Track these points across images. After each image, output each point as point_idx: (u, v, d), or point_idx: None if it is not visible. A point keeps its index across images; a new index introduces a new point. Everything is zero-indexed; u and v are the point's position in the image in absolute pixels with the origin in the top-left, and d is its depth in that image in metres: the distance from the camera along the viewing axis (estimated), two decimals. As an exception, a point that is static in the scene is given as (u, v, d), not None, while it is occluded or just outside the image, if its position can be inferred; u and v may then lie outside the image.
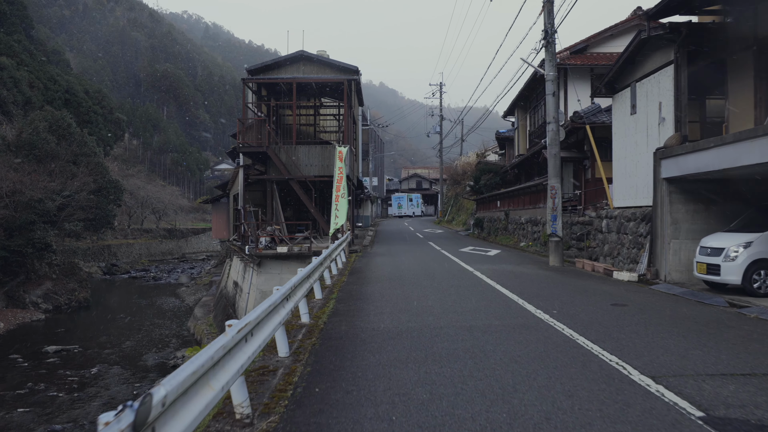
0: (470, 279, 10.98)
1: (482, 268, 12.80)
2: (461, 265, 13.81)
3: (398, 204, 67.50)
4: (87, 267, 43.89)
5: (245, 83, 21.78)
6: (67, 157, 33.66)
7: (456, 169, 49.83)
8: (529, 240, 20.27)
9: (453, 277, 11.20)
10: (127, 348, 20.57)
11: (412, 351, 5.30)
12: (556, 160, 13.61)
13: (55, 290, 30.68)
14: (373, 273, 12.40)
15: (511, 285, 9.91)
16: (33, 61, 54.96)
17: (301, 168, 21.08)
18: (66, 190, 30.98)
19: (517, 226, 22.46)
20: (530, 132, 27.66)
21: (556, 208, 13.38)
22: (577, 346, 5.39)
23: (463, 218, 43.72)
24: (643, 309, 7.55)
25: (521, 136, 29.24)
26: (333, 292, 9.49)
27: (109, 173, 40.56)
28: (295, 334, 6.17)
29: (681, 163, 10.15)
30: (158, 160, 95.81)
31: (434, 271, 12.56)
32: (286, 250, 19.37)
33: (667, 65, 11.28)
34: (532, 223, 20.16)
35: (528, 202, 21.12)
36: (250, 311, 4.60)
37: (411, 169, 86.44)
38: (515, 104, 29.51)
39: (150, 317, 27.25)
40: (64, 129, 36.80)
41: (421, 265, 14.11)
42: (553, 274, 11.96)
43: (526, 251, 18.96)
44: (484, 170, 31.95)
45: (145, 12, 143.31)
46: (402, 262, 15.12)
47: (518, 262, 14.81)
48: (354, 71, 23.42)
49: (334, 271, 12.21)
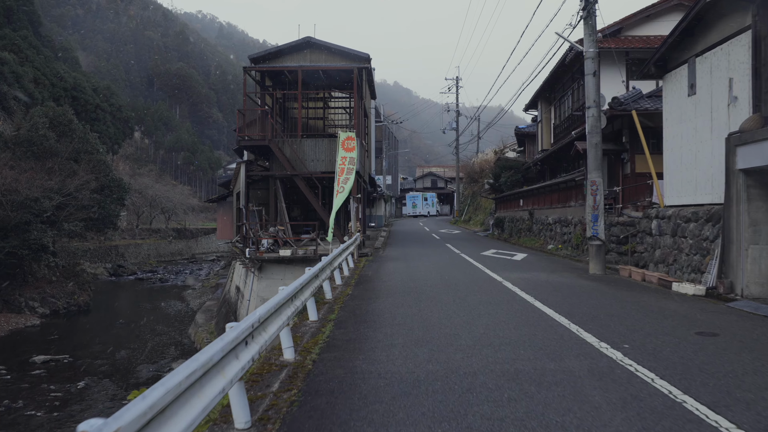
0: (501, 292, 9.09)
1: (512, 277, 10.90)
2: (486, 272, 11.91)
3: (413, 203, 65.56)
4: (93, 268, 42.76)
5: (246, 72, 20.08)
6: (67, 155, 32.33)
7: (473, 166, 47.76)
8: (557, 242, 18.27)
9: (479, 290, 9.31)
10: (121, 358, 19.08)
11: (436, 422, 3.46)
12: (597, 150, 11.63)
13: (53, 293, 29.40)
14: (384, 283, 10.56)
15: (553, 301, 7.99)
16: (39, 58, 54.11)
17: (307, 164, 19.33)
18: (65, 188, 29.65)
19: (543, 227, 20.45)
20: (555, 125, 25.59)
21: (598, 207, 11.41)
22: (697, 420, 3.48)
23: (481, 218, 41.67)
24: (744, 342, 5.60)
25: (545, 130, 27.18)
26: (333, 310, 7.68)
27: (113, 171, 39.22)
28: (268, 383, 4.38)
29: (765, 150, 8.15)
30: (170, 159, 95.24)
31: (456, 280, 10.68)
32: (290, 254, 17.65)
33: (741, 32, 9.26)
34: (561, 223, 18.16)
35: (556, 200, 19.11)
36: (204, 349, 2.84)
37: (426, 168, 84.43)
38: (538, 96, 27.44)
39: (151, 322, 25.81)
40: (65, 125, 35.52)
41: (439, 272, 12.24)
42: (600, 285, 10.00)
43: (555, 255, 16.97)
44: (505, 167, 29.92)
45: (158, 11, 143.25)
46: (417, 268, 13.26)
47: (551, 268, 12.86)
48: (365, 59, 21.61)
49: (338, 280, 10.41)
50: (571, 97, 22.43)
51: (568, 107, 22.93)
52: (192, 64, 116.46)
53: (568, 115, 22.53)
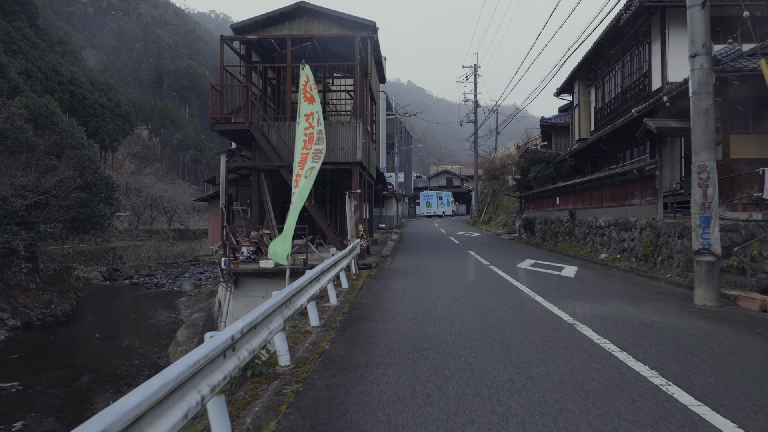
0: (583, 353, 5.24)
1: (584, 314, 7.08)
2: (539, 302, 8.08)
3: (427, 203, 61.67)
4: (86, 272, 39.73)
5: (224, 41, 16.44)
6: (45, 149, 29.12)
7: (493, 162, 43.72)
8: (613, 250, 14.32)
9: (544, 347, 5.47)
10: (81, 385, 15.71)
11: None
12: (707, 120, 7.68)
13: (28, 303, 26.15)
14: (385, 326, 6.78)
15: (691, 379, 4.18)
16: (34, 50, 51.47)
17: (298, 152, 15.63)
18: (41, 186, 26.41)
19: (590, 231, 16.51)
20: (597, 109, 21.58)
21: (710, 204, 7.50)
22: None
23: (503, 218, 37.66)
24: None
25: (583, 116, 23.17)
26: (284, 394, 3.94)
27: (100, 168, 35.96)
28: None
29: None
30: (177, 157, 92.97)
31: (498, 321, 6.86)
32: (272, 265, 13.96)
33: None
34: (618, 227, 14.21)
35: (609, 197, 15.15)
36: None
37: (440, 166, 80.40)
38: (575, 77, 23.44)
39: (132, 337, 22.45)
40: (47, 117, 32.33)
41: (468, 301, 8.43)
42: (739, 333, 6.11)
43: (613, 268, 13.06)
44: (533, 160, 25.96)
45: (169, 10, 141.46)
46: (436, 292, 9.47)
47: (629, 294, 8.97)
48: (370, 27, 17.87)
49: (314, 320, 6.69)
50: (621, 73, 18.43)
51: (617, 85, 18.93)
52: (203, 62, 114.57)
53: (619, 93, 18.53)
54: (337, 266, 8.89)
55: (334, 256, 8.55)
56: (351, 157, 15.60)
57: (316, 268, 6.88)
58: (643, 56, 16.30)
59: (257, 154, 15.84)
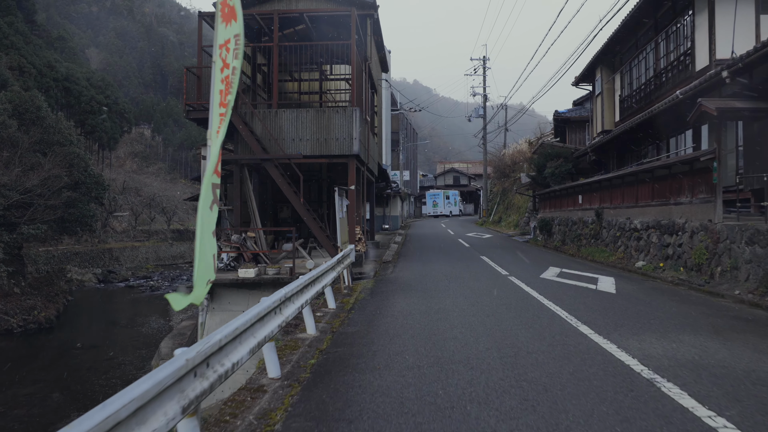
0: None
1: (656, 356, 4.98)
2: (586, 334, 5.97)
3: (433, 202, 59.48)
4: (80, 274, 37.97)
5: (203, 18, 14.42)
6: (29, 145, 27.40)
7: (503, 159, 41.50)
8: (655, 258, 12.16)
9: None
10: (47, 406, 13.98)
11: None
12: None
13: (8, 309, 24.33)
14: (375, 378, 4.70)
15: None
16: (27, 46, 49.96)
17: (285, 144, 13.62)
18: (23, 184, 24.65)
19: (621, 234, 14.35)
20: (623, 97, 19.40)
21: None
22: None
23: (514, 219, 35.46)
24: None
25: (606, 105, 20.98)
26: None
27: (90, 166, 34.11)
28: None
29: None
30: (179, 156, 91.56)
31: (537, 368, 4.78)
32: (254, 274, 11.94)
33: None
34: (660, 230, 12.05)
35: (648, 194, 12.98)
36: None
37: (447, 164, 78.15)
38: (597, 63, 21.25)
39: (116, 347, 20.61)
40: (33, 113, 30.56)
41: (488, 330, 6.35)
42: None
43: (656, 278, 10.92)
44: (550, 155, 23.78)
45: (174, 9, 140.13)
46: (445, 314, 7.39)
47: (701, 321, 6.84)
48: (369, 4, 15.82)
49: (273, 370, 4.65)
50: (654, 54, 16.25)
51: (648, 68, 16.75)
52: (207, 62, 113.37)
53: (651, 77, 16.34)
54: (319, 283, 6.83)
55: (312, 272, 6.48)
56: (346, 149, 13.55)
57: (276, 295, 4.82)
58: (683, 32, 14.13)
59: (239, 146, 13.82)
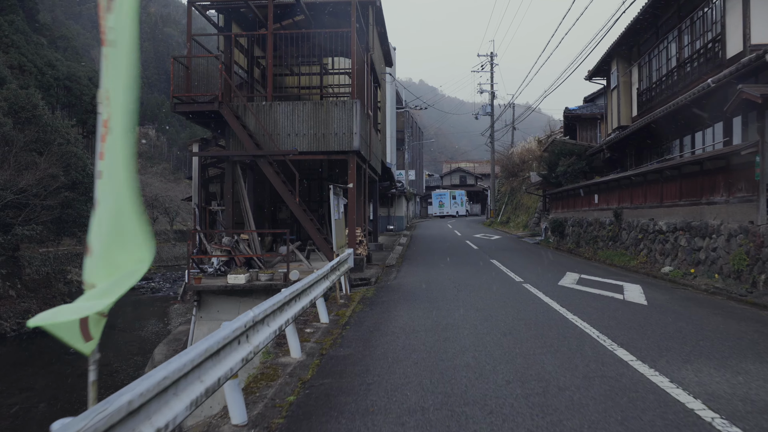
0: None
1: (723, 396, 3.93)
2: (627, 362, 4.91)
3: (439, 202, 58.38)
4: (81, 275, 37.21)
5: (192, 5, 13.45)
6: (25, 144, 26.75)
7: (511, 158, 40.34)
8: (684, 263, 11.05)
9: None
10: (31, 419, 13.31)
11: None
12: None
13: (1, 313, 23.61)
14: (368, 426, 3.69)
15: None
16: (28, 44, 49.44)
17: (280, 139, 12.62)
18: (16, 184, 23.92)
19: (644, 236, 13.24)
20: (641, 91, 18.27)
21: None
22: None
23: (523, 219, 34.33)
24: None
25: (623, 100, 19.84)
26: None
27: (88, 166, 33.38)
28: None
29: None
30: (184, 156, 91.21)
31: (575, 411, 3.74)
32: (244, 281, 10.94)
33: None
34: (691, 232, 10.94)
35: (675, 193, 11.87)
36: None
37: (454, 164, 76.99)
38: (612, 55, 20.11)
39: (110, 353, 19.71)
40: (29, 111, 29.84)
41: (508, 356, 5.30)
42: None
43: (689, 287, 9.82)
44: (562, 153, 22.66)
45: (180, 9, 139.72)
46: (455, 332, 6.35)
47: (760, 342, 5.76)
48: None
49: (237, 416, 3.65)
50: (678, 42, 15.13)
51: (671, 57, 15.62)
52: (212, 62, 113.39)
53: (674, 68, 15.21)
54: (305, 297, 5.80)
55: (295, 285, 5.45)
56: (346, 144, 12.53)
57: (240, 319, 3.80)
58: (711, 17, 13.01)
59: (231, 141, 12.83)
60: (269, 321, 4.52)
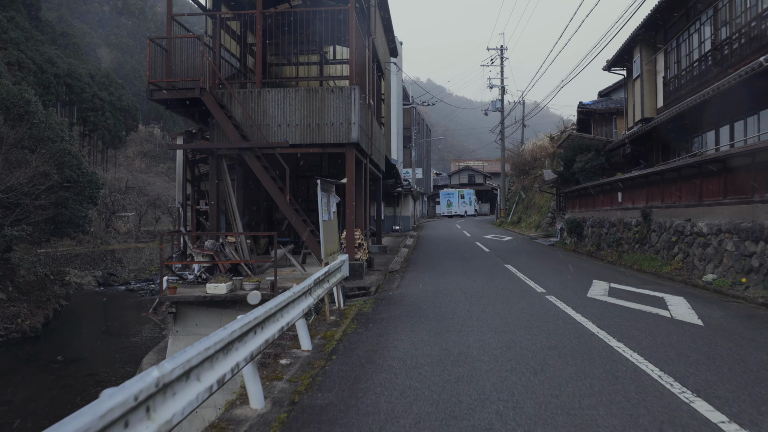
0: None
1: None
2: (714, 422, 3.51)
3: (447, 201, 56.89)
4: (79, 277, 36.18)
5: (174, -18, 12.13)
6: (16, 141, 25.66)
7: (522, 155, 38.78)
8: (731, 271, 9.55)
9: None
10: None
11: None
12: None
13: (-11, 317, 22.51)
14: None
15: None
16: (27, 41, 48.64)
17: (270, 130, 11.27)
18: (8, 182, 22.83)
19: (678, 238, 11.74)
20: (667, 79, 16.74)
21: None
22: None
23: (535, 219, 32.78)
24: None
25: (646, 90, 18.29)
26: None
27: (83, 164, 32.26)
28: None
29: None
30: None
31: None
32: (225, 290, 9.58)
33: None
34: (739, 235, 9.44)
35: (717, 190, 10.37)
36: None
37: (462, 162, 75.42)
38: (634, 41, 18.56)
39: (101, 360, 18.56)
40: (21, 107, 28.72)
41: (542, 406, 3.88)
42: None
43: (742, 300, 8.34)
44: (579, 148, 21.14)
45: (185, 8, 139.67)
46: (469, 366, 4.93)
47: None
48: (372, -32, 13.41)
49: None
50: (712, 23, 13.59)
51: (704, 40, 14.08)
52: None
53: (708, 51, 13.67)
54: (274, 323, 4.43)
55: (257, 310, 4.07)
56: (343, 136, 11.15)
57: (143, 378, 2.42)
58: (757, -10, 11.48)
59: (215, 132, 11.49)
60: (216, 362, 3.16)
